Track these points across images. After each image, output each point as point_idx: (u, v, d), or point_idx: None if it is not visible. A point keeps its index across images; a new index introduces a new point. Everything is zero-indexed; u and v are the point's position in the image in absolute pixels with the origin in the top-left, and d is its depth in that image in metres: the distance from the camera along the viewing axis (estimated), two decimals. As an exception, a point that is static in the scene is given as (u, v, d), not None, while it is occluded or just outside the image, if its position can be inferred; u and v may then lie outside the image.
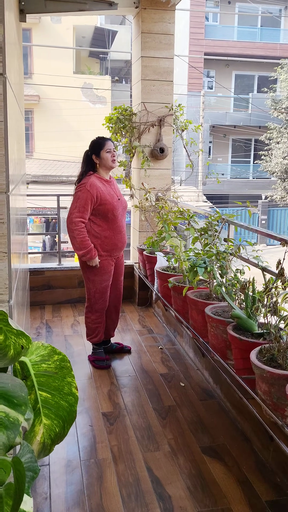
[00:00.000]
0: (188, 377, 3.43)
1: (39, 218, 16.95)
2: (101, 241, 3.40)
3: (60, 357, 1.09)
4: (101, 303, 3.55)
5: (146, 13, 4.47)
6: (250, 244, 2.85)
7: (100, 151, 3.39)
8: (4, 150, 1.32)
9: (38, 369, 1.09)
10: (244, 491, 2.29)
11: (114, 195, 3.43)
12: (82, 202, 3.29)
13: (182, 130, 4.81)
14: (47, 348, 1.10)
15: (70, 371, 1.09)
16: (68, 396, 1.08)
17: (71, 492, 2.29)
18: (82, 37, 19.90)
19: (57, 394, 1.08)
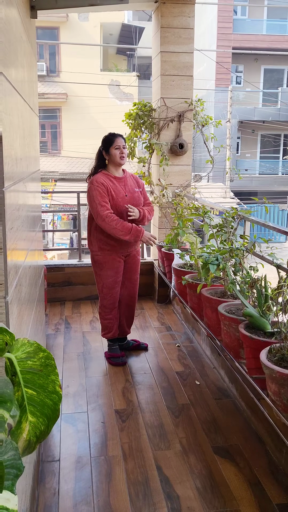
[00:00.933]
0: (204, 376, 3.39)
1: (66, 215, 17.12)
2: (105, 236, 3.39)
3: (45, 355, 1.08)
4: (109, 299, 3.55)
5: (165, 8, 4.42)
6: (265, 241, 2.78)
7: (109, 148, 3.40)
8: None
9: (24, 366, 1.08)
10: (254, 493, 2.25)
11: (121, 191, 3.41)
12: (98, 198, 3.31)
13: (202, 126, 4.75)
14: (32, 345, 1.09)
15: (54, 369, 1.07)
16: (52, 394, 1.07)
17: (79, 489, 2.29)
18: (110, 35, 19.94)
19: (42, 391, 1.07)
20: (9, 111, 1.52)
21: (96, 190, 3.32)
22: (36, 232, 2.72)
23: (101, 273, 3.50)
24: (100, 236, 3.42)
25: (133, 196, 3.48)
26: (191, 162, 4.75)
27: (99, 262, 3.49)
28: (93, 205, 3.33)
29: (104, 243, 3.42)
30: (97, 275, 3.54)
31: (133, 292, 3.71)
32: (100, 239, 3.43)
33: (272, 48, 20.15)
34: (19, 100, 1.83)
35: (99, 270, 3.51)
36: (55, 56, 18.48)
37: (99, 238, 3.43)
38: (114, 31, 19.62)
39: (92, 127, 17.91)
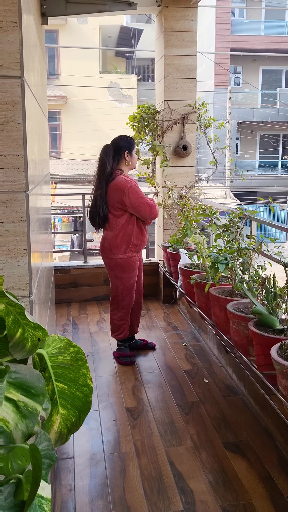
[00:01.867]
0: (212, 374, 3.44)
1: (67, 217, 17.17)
2: (133, 237, 3.46)
3: (75, 350, 1.13)
4: (128, 299, 3.60)
5: (168, 11, 4.48)
6: (272, 241, 2.84)
7: (133, 150, 3.47)
8: (23, 151, 1.37)
9: (55, 361, 1.13)
10: (266, 486, 2.30)
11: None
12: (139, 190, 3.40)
13: (205, 128, 4.81)
14: (63, 341, 1.14)
15: (85, 363, 1.12)
16: (83, 387, 1.12)
17: (95, 485, 2.34)
18: (108, 37, 20.02)
19: (72, 385, 1.12)
20: (30, 117, 1.57)
21: (136, 187, 3.39)
22: (48, 234, 2.78)
23: (123, 276, 3.53)
24: (129, 239, 3.46)
25: None
26: (195, 164, 4.81)
27: (123, 265, 3.50)
28: (140, 201, 3.36)
29: (133, 245, 3.48)
30: (117, 278, 3.55)
31: (141, 291, 3.78)
32: (128, 241, 3.46)
33: (270, 49, 20.25)
34: (35, 105, 1.88)
35: (121, 273, 3.52)
36: (54, 58, 18.55)
37: (127, 241, 3.46)
38: (113, 33, 19.70)
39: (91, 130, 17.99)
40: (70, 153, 18.07)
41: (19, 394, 1.08)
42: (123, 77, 19.04)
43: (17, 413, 1.08)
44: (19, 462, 1.21)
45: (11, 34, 1.31)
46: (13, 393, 1.08)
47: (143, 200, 3.38)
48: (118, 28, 19.13)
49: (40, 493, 1.14)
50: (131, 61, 20.70)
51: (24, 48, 1.49)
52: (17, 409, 1.08)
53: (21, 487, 1.16)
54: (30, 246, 1.42)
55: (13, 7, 1.29)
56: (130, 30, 19.16)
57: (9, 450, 1.13)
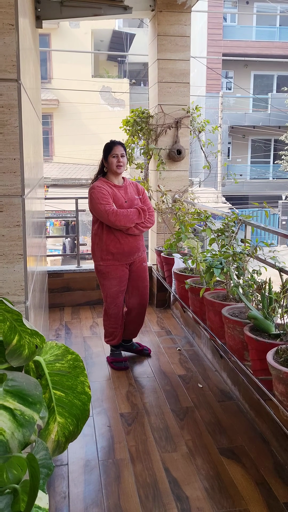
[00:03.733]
0: (206, 379, 3.43)
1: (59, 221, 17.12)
2: (106, 245, 3.38)
3: (73, 357, 1.11)
4: (113, 308, 3.53)
5: (162, 16, 4.49)
6: (267, 245, 2.84)
7: (107, 155, 3.39)
8: (19, 155, 1.35)
9: (52, 368, 1.11)
10: (262, 492, 2.28)
11: (120, 198, 3.39)
12: (101, 199, 3.28)
13: (199, 132, 4.81)
14: (60, 348, 1.12)
15: (83, 370, 1.11)
16: (81, 395, 1.10)
17: (89, 492, 2.31)
18: (100, 41, 20.05)
19: (70, 393, 1.11)
20: (26, 120, 1.55)
21: (98, 193, 3.30)
22: (42, 238, 2.76)
23: (104, 283, 3.48)
24: (102, 246, 3.40)
25: (133, 203, 3.44)
26: (188, 168, 4.81)
27: (102, 272, 3.46)
28: (96, 208, 3.29)
29: (105, 253, 3.39)
30: (101, 285, 3.52)
31: (141, 300, 3.66)
32: (101, 248, 3.40)
33: (262, 54, 20.39)
34: (31, 108, 1.87)
35: (102, 280, 3.48)
36: (46, 62, 18.53)
37: (100, 248, 3.40)
38: (105, 37, 19.73)
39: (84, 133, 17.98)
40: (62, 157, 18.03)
41: (15, 402, 1.06)
42: (115, 81, 19.07)
43: (14, 422, 1.06)
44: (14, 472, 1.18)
45: (7, 37, 1.30)
46: (10, 401, 1.06)
47: (100, 207, 3.26)
48: (110, 33, 19.17)
49: (38, 503, 1.12)
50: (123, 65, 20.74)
51: (21, 51, 1.47)
52: (14, 417, 1.06)
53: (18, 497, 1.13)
54: (26, 251, 1.40)
55: (9, 9, 1.28)
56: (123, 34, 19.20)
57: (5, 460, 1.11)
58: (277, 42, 21.01)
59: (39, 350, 1.10)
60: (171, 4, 4.46)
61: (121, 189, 3.44)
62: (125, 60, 20.23)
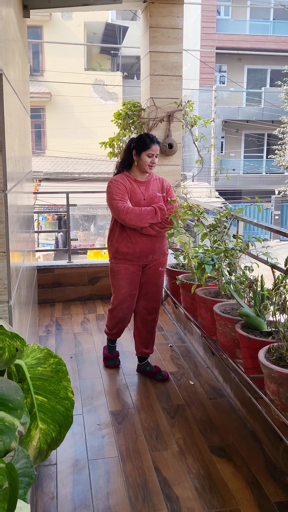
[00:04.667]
0: (197, 376, 3.40)
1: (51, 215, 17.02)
2: (117, 243, 3.14)
3: (56, 360, 1.06)
4: (119, 311, 3.28)
5: (154, 7, 4.41)
6: (259, 241, 2.80)
7: (142, 152, 3.05)
8: (2, 148, 1.29)
9: (34, 372, 1.06)
10: (253, 492, 2.25)
11: (138, 195, 3.11)
12: (118, 194, 3.05)
13: (191, 126, 4.76)
14: (43, 351, 1.07)
15: (66, 375, 1.06)
16: (64, 400, 1.05)
17: (78, 492, 2.27)
18: (93, 34, 19.87)
19: (53, 398, 1.06)
20: (9, 112, 1.50)
21: (114, 187, 3.06)
22: (30, 233, 2.70)
23: (114, 283, 3.25)
24: (115, 243, 3.17)
25: (153, 201, 3.13)
26: (180, 162, 4.75)
27: (112, 270, 3.23)
28: (112, 204, 3.05)
29: (116, 251, 3.16)
30: (112, 285, 3.29)
31: (151, 307, 3.31)
32: (114, 246, 3.17)
33: (255, 48, 20.31)
34: (16, 100, 1.81)
35: (112, 279, 3.26)
36: (38, 55, 18.35)
37: (113, 245, 3.17)
38: (98, 30, 19.55)
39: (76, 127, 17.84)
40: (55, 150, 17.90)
41: (-5, 408, 1.01)
42: (108, 74, 18.92)
43: (-7, 428, 1.01)
44: (-4, 479, 1.13)
45: (-12, 24, 1.24)
46: (-11, 407, 1.01)
47: (113, 202, 3.05)
48: (103, 25, 19.00)
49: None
50: (116, 59, 20.59)
51: (4, 42, 1.41)
52: (-7, 424, 1.01)
53: (-2, 505, 1.08)
54: (9, 248, 1.34)
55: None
56: (116, 27, 19.04)
57: (-16, 468, 1.06)
58: (270, 36, 20.93)
59: (20, 353, 1.05)
60: (164, -4, 4.39)
61: (143, 185, 3.15)
62: (118, 53, 20.07)
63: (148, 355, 3.41)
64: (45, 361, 1.07)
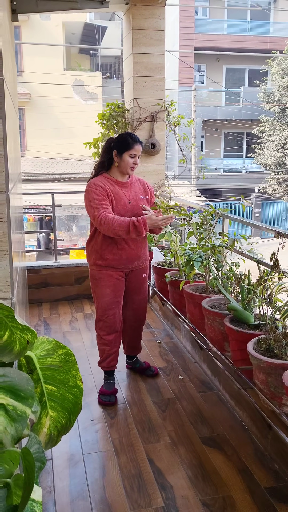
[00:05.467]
0: (186, 370, 3.48)
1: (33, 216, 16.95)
2: (100, 247, 2.96)
3: (64, 351, 1.13)
4: (106, 320, 3.06)
5: (136, 10, 4.48)
6: (244, 238, 2.89)
7: (124, 152, 2.90)
8: (3, 150, 1.35)
9: (43, 363, 1.12)
10: (244, 479, 2.34)
11: (122, 198, 2.94)
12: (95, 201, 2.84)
13: (174, 126, 4.84)
14: (51, 343, 1.13)
15: (74, 364, 1.12)
16: (73, 388, 1.11)
17: (75, 485, 2.33)
18: (72, 34, 19.84)
19: (62, 387, 1.12)
20: (8, 114, 1.55)
21: (92, 193, 2.85)
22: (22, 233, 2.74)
23: (96, 291, 3.05)
24: (97, 249, 2.98)
25: (137, 204, 2.99)
26: (164, 162, 4.83)
27: (94, 278, 3.04)
28: (89, 211, 2.87)
29: (99, 257, 2.97)
30: (93, 293, 3.09)
31: (138, 314, 3.25)
32: (96, 251, 2.98)
33: (233, 48, 20.52)
34: (11, 103, 1.86)
35: (94, 287, 3.06)
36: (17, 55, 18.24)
37: (95, 251, 2.98)
38: (76, 30, 19.53)
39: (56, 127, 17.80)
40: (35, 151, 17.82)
41: (8, 397, 1.07)
42: (88, 75, 18.92)
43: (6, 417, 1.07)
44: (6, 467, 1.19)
45: (-11, 31, 1.29)
46: (2, 397, 1.07)
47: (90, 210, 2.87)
48: (82, 25, 18.99)
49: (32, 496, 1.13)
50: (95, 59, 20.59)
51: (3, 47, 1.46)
52: (6, 413, 1.07)
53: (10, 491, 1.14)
54: (11, 247, 1.40)
55: (-9, 4, 1.27)
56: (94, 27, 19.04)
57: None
58: (248, 36, 21.17)
59: (31, 346, 1.11)
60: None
61: (125, 187, 2.99)
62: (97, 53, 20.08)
63: (136, 354, 3.46)
64: (54, 352, 1.13)
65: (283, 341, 2.14)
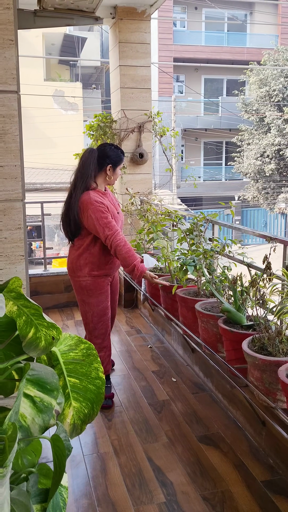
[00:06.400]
0: (179, 373, 3.57)
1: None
2: (98, 258, 3.02)
3: (86, 346, 1.21)
4: (101, 327, 3.13)
5: (122, 24, 4.61)
6: (235, 243, 3.01)
7: (117, 166, 3.05)
8: (20, 161, 1.44)
9: (67, 358, 1.21)
10: (240, 473, 2.44)
11: (113, 208, 3.06)
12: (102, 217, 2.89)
13: (160, 136, 4.97)
14: (73, 338, 1.22)
15: (96, 357, 1.21)
16: (95, 380, 1.20)
17: (78, 485, 2.40)
18: (52, 44, 19.96)
19: (84, 379, 1.21)
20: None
21: (98, 211, 2.90)
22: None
23: (90, 301, 3.07)
24: (93, 260, 3.01)
25: (120, 213, 3.16)
26: (152, 171, 4.95)
27: (88, 289, 3.04)
28: (98, 229, 2.90)
29: (97, 268, 3.02)
30: (85, 304, 3.09)
31: (114, 314, 3.40)
32: (92, 263, 3.01)
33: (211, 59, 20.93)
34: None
35: (87, 298, 3.07)
36: (-3, 66, 18.24)
37: (91, 262, 3.01)
38: (56, 41, 19.66)
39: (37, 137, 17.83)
40: (16, 161, 17.78)
41: (35, 390, 1.16)
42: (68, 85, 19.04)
43: (34, 408, 1.16)
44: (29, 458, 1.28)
45: (8, 51, 1.38)
46: (30, 389, 1.15)
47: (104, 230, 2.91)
48: (62, 36, 19.13)
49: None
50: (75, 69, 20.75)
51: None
52: (34, 404, 1.16)
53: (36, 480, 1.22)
54: (27, 252, 1.48)
55: (9, 26, 1.36)
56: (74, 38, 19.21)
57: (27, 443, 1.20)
58: (226, 47, 21.62)
59: (56, 342, 1.19)
60: (131, 12, 4.60)
61: (109, 197, 3.11)
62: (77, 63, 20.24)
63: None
64: (76, 347, 1.21)
65: (276, 339, 2.26)
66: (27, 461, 1.25)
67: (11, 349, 1.27)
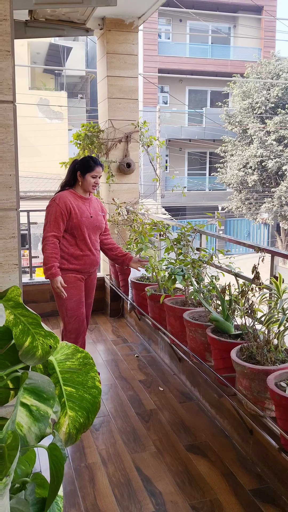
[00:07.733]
0: (166, 382, 3.58)
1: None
2: (68, 256, 3.24)
3: (83, 355, 1.22)
4: (75, 322, 3.29)
5: (110, 35, 4.66)
6: (222, 253, 3.05)
7: (86, 173, 3.27)
8: (15, 171, 1.44)
9: (63, 366, 1.21)
10: (228, 482, 2.45)
11: (85, 211, 3.28)
12: (52, 216, 3.19)
13: (147, 146, 5.01)
14: (70, 347, 1.22)
15: (93, 366, 1.22)
16: (91, 389, 1.21)
17: (66, 495, 2.38)
18: (37, 53, 19.99)
19: (81, 388, 1.21)
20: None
21: (55, 207, 3.19)
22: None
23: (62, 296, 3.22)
24: (62, 254, 3.24)
25: (97, 218, 3.36)
26: (138, 181, 4.98)
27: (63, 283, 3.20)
28: (45, 220, 3.22)
29: (66, 261, 3.25)
30: (59, 297, 3.26)
31: (89, 314, 3.52)
32: (62, 256, 3.23)
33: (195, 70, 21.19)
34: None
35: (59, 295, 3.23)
36: (-19, 73, 18.18)
37: (61, 256, 3.24)
38: (41, 50, 19.69)
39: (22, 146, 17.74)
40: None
41: (32, 398, 1.16)
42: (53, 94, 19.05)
43: (30, 417, 1.16)
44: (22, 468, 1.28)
45: (4, 62, 1.39)
46: (27, 398, 1.15)
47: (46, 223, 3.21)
48: (47, 45, 19.17)
49: (55, 491, 1.21)
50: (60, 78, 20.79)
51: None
52: (30, 413, 1.16)
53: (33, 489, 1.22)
54: (21, 261, 1.49)
55: (6, 37, 1.38)
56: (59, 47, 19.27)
57: (23, 452, 1.20)
58: (209, 59, 21.92)
59: (53, 350, 1.20)
60: (119, 24, 4.65)
61: (87, 202, 3.34)
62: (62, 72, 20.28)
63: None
64: (73, 356, 1.22)
65: (264, 348, 2.29)
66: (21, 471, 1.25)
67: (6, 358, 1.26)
